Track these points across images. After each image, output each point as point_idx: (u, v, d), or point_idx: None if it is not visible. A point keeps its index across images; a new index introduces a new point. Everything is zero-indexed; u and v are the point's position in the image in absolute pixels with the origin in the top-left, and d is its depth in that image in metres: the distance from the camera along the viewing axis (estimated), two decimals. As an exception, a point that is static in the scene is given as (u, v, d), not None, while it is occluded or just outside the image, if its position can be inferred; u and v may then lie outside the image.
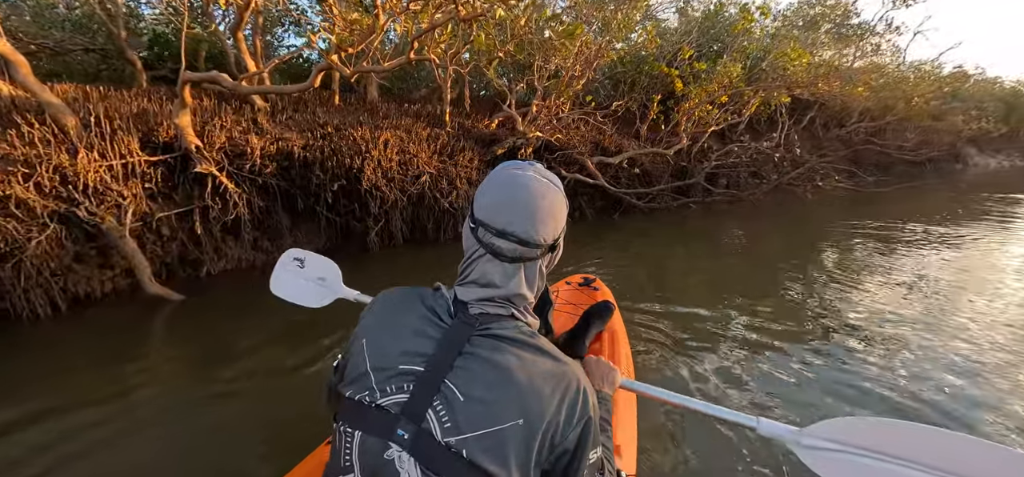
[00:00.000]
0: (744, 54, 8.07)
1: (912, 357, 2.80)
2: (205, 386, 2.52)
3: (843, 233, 5.95)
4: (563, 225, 0.73)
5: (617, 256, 5.01)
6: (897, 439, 0.87)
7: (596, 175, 6.46)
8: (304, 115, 5.00)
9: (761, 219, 6.42)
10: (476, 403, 0.60)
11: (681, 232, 6.24)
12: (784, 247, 5.47)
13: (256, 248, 4.34)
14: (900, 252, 5.20)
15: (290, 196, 4.32)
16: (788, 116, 9.45)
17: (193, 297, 3.60)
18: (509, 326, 0.66)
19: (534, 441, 0.60)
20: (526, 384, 0.61)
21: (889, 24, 10.80)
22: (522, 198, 0.67)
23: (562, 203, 0.72)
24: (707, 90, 7.19)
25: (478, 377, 0.61)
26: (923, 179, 13.81)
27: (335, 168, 4.30)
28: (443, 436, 0.60)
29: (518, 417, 0.60)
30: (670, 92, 7.98)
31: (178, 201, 3.93)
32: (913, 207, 7.72)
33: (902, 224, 6.51)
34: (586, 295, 2.25)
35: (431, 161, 4.95)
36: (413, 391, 0.62)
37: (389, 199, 4.56)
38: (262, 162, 4.10)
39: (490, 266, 0.68)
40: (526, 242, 0.66)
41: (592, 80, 7.60)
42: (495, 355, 0.62)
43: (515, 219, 0.66)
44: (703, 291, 3.94)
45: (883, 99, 12.79)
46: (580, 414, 0.64)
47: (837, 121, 13.21)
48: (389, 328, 0.69)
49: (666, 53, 8.08)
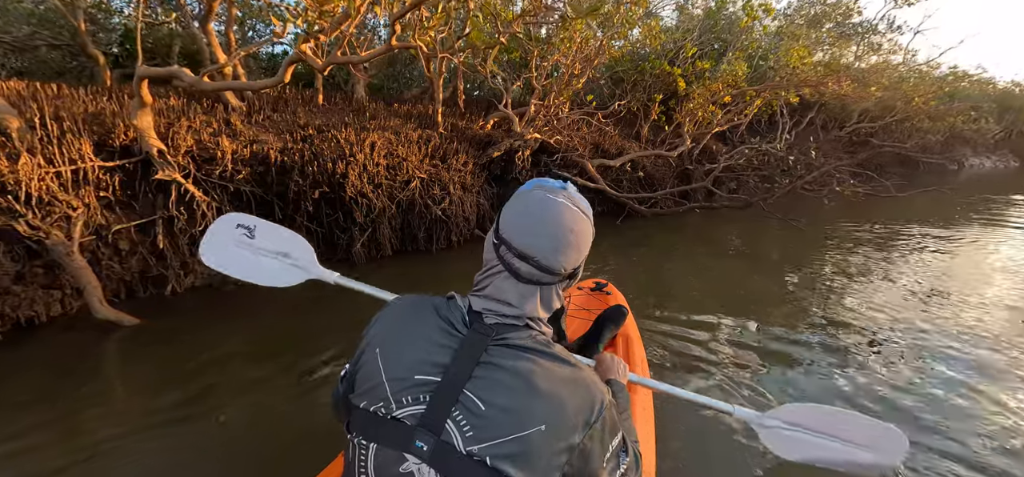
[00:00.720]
0: (747, 53, 7.79)
1: (918, 364, 2.83)
2: (172, 414, 2.24)
3: (852, 236, 5.68)
4: (586, 254, 0.72)
5: (619, 262, 4.68)
6: (818, 418, 1.16)
7: (597, 178, 6.13)
8: (284, 116, 4.62)
9: (766, 223, 6.12)
10: (499, 411, 0.60)
11: (685, 238, 5.92)
12: (793, 251, 5.16)
13: (229, 262, 3.94)
14: (911, 256, 5.10)
15: (266, 204, 3.93)
16: (788, 116, 9.23)
17: (158, 318, 3.22)
18: (524, 336, 0.66)
19: (557, 446, 0.61)
20: (547, 390, 0.61)
21: (891, 23, 10.60)
22: (550, 225, 0.67)
23: (589, 233, 0.72)
24: (711, 89, 6.89)
25: (500, 385, 0.61)
26: (921, 181, 13.66)
27: (316, 173, 3.92)
28: (466, 445, 0.59)
29: (541, 423, 0.60)
30: (672, 92, 7.69)
31: (139, 211, 3.54)
32: (916, 209, 7.49)
33: (915, 226, 6.28)
34: (598, 300, 2.21)
35: (422, 165, 4.59)
36: (430, 402, 0.62)
37: (376, 206, 4.19)
38: (234, 167, 3.71)
39: (507, 284, 0.68)
40: (547, 269, 0.67)
41: (592, 79, 7.28)
42: (515, 363, 0.62)
43: (539, 245, 0.66)
44: (711, 301, 3.70)
45: (882, 99, 12.66)
46: (598, 414, 0.65)
47: (837, 122, 13.03)
48: (403, 338, 0.68)
49: (668, 51, 7.78)
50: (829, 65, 7.51)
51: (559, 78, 5.67)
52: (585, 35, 5.55)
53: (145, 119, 3.41)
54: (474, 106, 6.91)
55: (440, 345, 0.65)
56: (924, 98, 12.87)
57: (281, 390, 2.48)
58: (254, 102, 4.78)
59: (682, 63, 7.35)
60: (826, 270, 4.60)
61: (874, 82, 8.34)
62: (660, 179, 7.18)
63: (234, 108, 4.49)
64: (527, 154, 5.56)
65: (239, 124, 4.08)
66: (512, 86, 5.85)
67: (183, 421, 2.21)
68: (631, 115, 7.94)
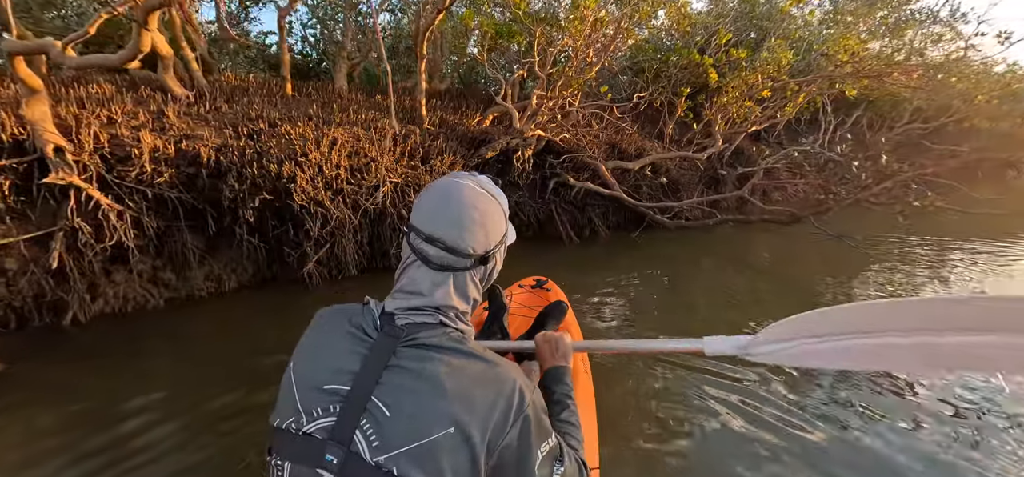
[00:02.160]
0: (791, 40, 6.77)
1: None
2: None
3: (897, 252, 4.65)
4: (498, 238, 0.71)
5: (639, 287, 3.81)
6: (826, 321, 0.93)
7: (611, 184, 5.26)
8: (238, 107, 3.92)
9: (799, 235, 5.14)
10: (403, 417, 0.58)
11: (720, 258, 4.99)
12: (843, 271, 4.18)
13: (154, 283, 3.26)
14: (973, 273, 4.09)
15: (196, 213, 3.23)
16: (833, 115, 8.13)
17: (47, 356, 2.56)
18: (437, 333, 0.64)
19: (469, 447, 0.57)
20: (455, 391, 0.59)
21: (955, 10, 9.32)
22: (453, 205, 0.67)
23: (497, 215, 0.71)
24: (748, 81, 5.93)
25: (405, 389, 0.59)
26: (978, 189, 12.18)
27: (255, 176, 3.20)
28: (372, 456, 0.57)
29: (449, 426, 0.57)
30: (702, 86, 6.73)
31: (36, 222, 2.88)
32: (971, 222, 6.26)
33: (968, 241, 5.18)
34: (539, 297, 2.22)
35: (396, 167, 3.82)
36: (340, 413, 0.60)
37: (335, 217, 3.45)
38: (154, 168, 3.02)
39: (419, 273, 0.67)
40: (453, 249, 0.66)
41: (608, 68, 6.38)
42: (422, 365, 0.60)
43: (443, 225, 0.66)
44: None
45: (937, 97, 11.35)
46: (516, 411, 0.61)
47: (886, 123, 11.75)
48: (316, 349, 0.67)
49: (697, 39, 6.83)
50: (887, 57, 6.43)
51: (568, 65, 4.82)
52: (599, 16, 4.69)
53: (38, 109, 2.75)
54: (473, 99, 6.13)
55: (350, 352, 0.63)
56: (987, 96, 11.49)
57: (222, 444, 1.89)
58: (207, 92, 4.11)
59: (713, 52, 6.39)
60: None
61: (957, 73, 7.19)
62: (686, 185, 6.25)
63: (178, 97, 3.82)
64: (528, 154, 4.74)
65: (173, 116, 3.39)
66: (513, 75, 5.03)
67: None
68: (653, 112, 7.01)
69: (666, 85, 6.58)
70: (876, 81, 5.85)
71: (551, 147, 5.13)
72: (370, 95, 5.28)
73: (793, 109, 6.53)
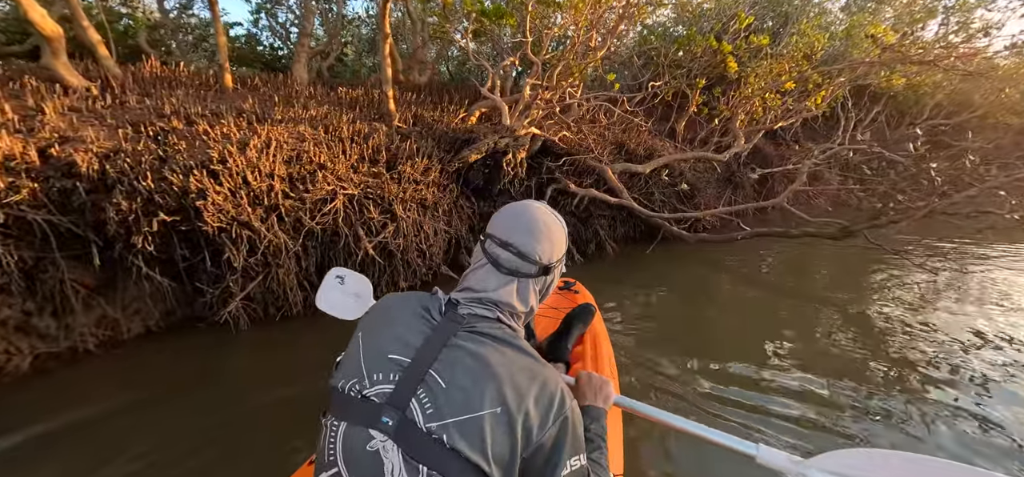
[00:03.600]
0: (819, 26, 5.99)
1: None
2: None
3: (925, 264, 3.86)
4: (560, 255, 0.79)
5: (653, 320, 3.00)
6: (891, 469, 0.86)
7: (619, 190, 4.47)
8: (154, 101, 3.12)
9: (867, 258, 4.36)
10: (457, 390, 0.62)
11: (757, 283, 4.20)
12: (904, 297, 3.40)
13: (23, 331, 2.45)
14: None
15: (76, 240, 2.42)
16: (853, 110, 7.37)
17: None
18: (493, 326, 0.70)
19: (512, 431, 0.61)
20: (505, 375, 0.63)
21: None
22: (527, 218, 0.76)
23: (561, 234, 0.79)
24: (774, 71, 5.15)
25: (461, 367, 0.63)
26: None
27: (155, 191, 2.40)
28: (425, 422, 0.61)
29: (496, 406, 0.61)
30: (719, 77, 5.95)
31: None
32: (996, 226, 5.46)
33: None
34: (566, 299, 2.16)
35: (353, 175, 3.03)
36: (399, 381, 0.64)
37: (267, 241, 2.65)
38: (10, 181, 2.22)
39: (489, 275, 0.74)
40: (523, 255, 0.73)
41: (614, 54, 5.59)
42: (478, 348, 0.65)
43: (518, 234, 0.74)
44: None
45: (962, 91, 10.62)
46: (557, 413, 0.65)
47: (907, 118, 10.99)
48: (384, 322, 0.72)
49: (714, 25, 6.05)
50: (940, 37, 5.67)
51: (567, 51, 4.03)
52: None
53: None
54: (458, 94, 5.33)
55: (416, 330, 0.68)
56: (1019, 88, 10.73)
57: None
58: (117, 83, 3.31)
59: (732, 38, 5.61)
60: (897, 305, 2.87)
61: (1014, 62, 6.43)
62: (702, 191, 5.46)
63: (74, 89, 3.02)
64: (520, 156, 3.94)
65: (53, 113, 2.59)
66: (503, 62, 4.23)
67: None
68: (664, 108, 6.23)
69: (678, 75, 5.78)
70: (929, 67, 5.06)
71: (548, 148, 4.34)
72: (333, 88, 4.48)
73: (821, 102, 5.75)
